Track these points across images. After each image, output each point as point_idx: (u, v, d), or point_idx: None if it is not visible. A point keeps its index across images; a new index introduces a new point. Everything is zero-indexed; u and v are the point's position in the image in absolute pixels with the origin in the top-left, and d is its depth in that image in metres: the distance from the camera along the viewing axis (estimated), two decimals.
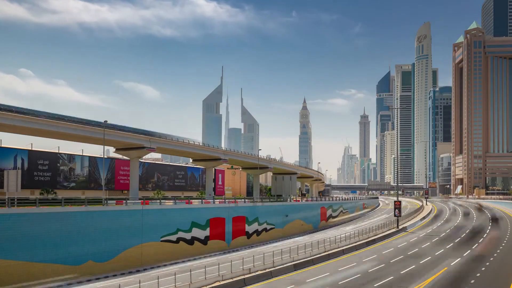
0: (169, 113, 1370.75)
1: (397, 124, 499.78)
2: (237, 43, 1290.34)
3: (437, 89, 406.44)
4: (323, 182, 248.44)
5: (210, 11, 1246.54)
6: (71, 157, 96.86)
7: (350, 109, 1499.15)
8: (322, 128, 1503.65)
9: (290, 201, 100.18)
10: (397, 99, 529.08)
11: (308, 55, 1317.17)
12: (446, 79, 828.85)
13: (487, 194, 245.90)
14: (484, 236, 68.35)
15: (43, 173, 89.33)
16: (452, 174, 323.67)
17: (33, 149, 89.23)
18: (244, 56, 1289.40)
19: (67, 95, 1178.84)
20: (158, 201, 66.60)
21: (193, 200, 75.28)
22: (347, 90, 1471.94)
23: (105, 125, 74.92)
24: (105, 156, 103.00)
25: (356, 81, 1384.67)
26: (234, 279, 37.99)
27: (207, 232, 64.19)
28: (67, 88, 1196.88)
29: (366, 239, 63.21)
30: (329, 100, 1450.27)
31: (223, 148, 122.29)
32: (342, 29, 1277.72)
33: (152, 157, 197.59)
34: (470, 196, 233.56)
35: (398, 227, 77.61)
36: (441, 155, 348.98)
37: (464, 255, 50.87)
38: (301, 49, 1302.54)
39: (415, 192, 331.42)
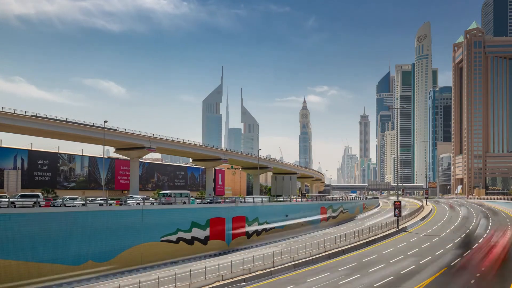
0: (139, 110, 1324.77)
1: (397, 124, 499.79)
2: (199, 38, 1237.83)
3: (437, 89, 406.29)
4: (323, 182, 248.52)
5: (152, 2, 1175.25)
6: (71, 157, 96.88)
7: (326, 106, 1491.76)
8: (322, 128, 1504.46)
9: (290, 201, 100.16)
10: (397, 99, 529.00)
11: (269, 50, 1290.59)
12: (446, 79, 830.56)
13: (487, 194, 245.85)
14: (485, 236, 68.32)
15: (43, 173, 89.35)
16: (452, 174, 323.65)
17: (33, 149, 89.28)
18: (224, 51, 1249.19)
19: (29, 92, 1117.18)
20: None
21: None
22: (320, 86, 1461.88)
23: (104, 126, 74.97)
24: (105, 156, 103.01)
25: (328, 78, 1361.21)
26: (234, 279, 38.00)
27: (207, 232, 64.19)
28: (27, 85, 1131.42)
29: (366, 239, 63.18)
30: (301, 98, 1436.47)
31: (223, 148, 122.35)
32: (295, 22, 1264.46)
33: (152, 157, 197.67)
34: (470, 196, 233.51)
35: (398, 227, 77.55)
36: (441, 155, 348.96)
37: (464, 255, 50.87)
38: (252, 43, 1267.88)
39: (415, 192, 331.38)
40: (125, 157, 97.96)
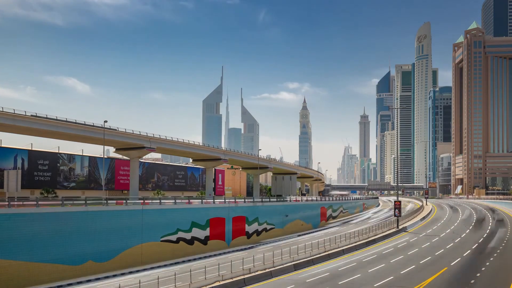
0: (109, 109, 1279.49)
1: (397, 124, 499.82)
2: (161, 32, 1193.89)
3: (437, 89, 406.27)
4: (323, 182, 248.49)
5: None
6: (71, 157, 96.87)
7: (298, 103, 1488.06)
8: (322, 128, 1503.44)
9: (290, 201, 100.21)
10: (397, 99, 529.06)
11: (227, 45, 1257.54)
12: (446, 79, 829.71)
13: (487, 194, 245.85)
14: (485, 235, 68.33)
15: (43, 173, 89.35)
16: (452, 174, 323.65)
17: (33, 149, 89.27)
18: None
19: None
20: (158, 201, 66.60)
21: (193, 200, 75.27)
22: (292, 83, 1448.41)
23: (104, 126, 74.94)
24: (105, 156, 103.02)
25: (296, 74, 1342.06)
26: (234, 279, 37.98)
27: (207, 232, 64.21)
28: None
29: (366, 239, 63.21)
30: (273, 95, 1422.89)
31: (223, 148, 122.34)
32: (246, 15, 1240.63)
33: (152, 157, 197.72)
34: (470, 196, 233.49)
35: (398, 227, 77.58)
36: (441, 155, 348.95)
37: (464, 255, 50.87)
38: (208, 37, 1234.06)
39: (415, 192, 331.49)
40: (125, 157, 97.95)
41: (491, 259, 48.32)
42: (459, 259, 48.28)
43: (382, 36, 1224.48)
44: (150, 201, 65.78)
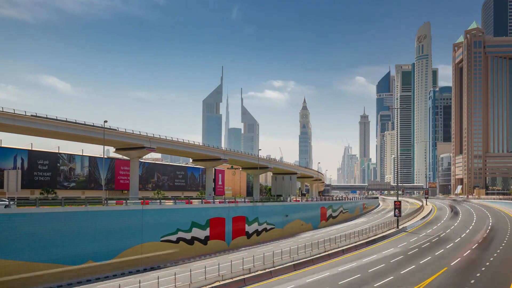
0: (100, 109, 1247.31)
1: (397, 124, 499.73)
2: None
3: (437, 89, 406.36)
4: (323, 182, 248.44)
5: None
6: (71, 157, 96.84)
7: (286, 101, 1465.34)
8: (322, 128, 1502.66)
9: (290, 201, 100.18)
10: (397, 99, 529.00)
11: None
12: (446, 79, 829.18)
13: (487, 194, 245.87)
14: (485, 236, 68.34)
15: (43, 173, 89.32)
16: (452, 174, 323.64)
17: (33, 149, 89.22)
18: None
19: None
20: (158, 201, 66.60)
21: (193, 200, 75.25)
22: (277, 81, 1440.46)
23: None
24: (105, 156, 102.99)
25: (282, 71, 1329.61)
26: (234, 279, 37.98)
27: (207, 232, 64.19)
28: None
29: (366, 239, 63.22)
30: (259, 93, 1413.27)
31: (223, 148, 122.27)
32: (219, 11, 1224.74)
33: (152, 157, 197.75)
34: (470, 196, 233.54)
35: (398, 227, 77.61)
36: (441, 155, 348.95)
37: (464, 255, 50.87)
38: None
39: (415, 192, 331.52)
40: (125, 157, 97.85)
41: (491, 259, 48.31)
42: (459, 259, 48.29)
43: (382, 36, 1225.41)
44: (150, 201, 65.78)
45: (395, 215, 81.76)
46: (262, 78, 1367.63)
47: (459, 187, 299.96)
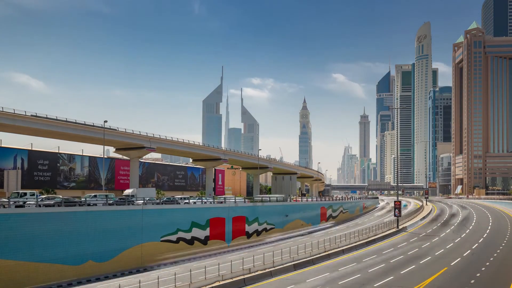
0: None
1: (397, 124, 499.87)
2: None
3: (437, 89, 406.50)
4: (323, 182, 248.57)
5: None
6: (71, 157, 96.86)
7: (267, 99, 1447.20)
8: (322, 128, 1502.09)
9: (290, 201, 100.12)
10: (397, 99, 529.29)
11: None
12: (446, 79, 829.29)
13: (487, 194, 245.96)
14: (485, 236, 68.33)
15: (43, 173, 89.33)
16: (452, 174, 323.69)
17: (33, 149, 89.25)
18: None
19: None
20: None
21: (193, 200, 75.14)
22: (255, 78, 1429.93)
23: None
24: (105, 156, 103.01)
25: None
26: (234, 279, 37.97)
27: (207, 232, 64.16)
28: None
29: (366, 239, 63.21)
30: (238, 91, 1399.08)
31: (223, 148, 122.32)
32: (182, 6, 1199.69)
33: (152, 157, 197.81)
34: (470, 196, 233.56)
35: (398, 227, 77.59)
36: (441, 155, 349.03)
37: (464, 255, 50.85)
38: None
39: (415, 192, 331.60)
40: (125, 157, 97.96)
41: (491, 259, 48.28)
42: (459, 259, 48.27)
43: (382, 36, 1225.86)
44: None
45: (395, 215, 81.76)
46: (241, 76, 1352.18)
47: (459, 187, 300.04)
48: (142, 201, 57.41)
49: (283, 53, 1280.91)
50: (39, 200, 47.55)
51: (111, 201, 54.46)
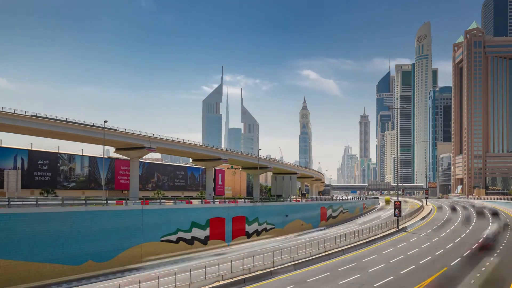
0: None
1: (397, 124, 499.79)
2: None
3: (437, 89, 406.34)
4: (323, 182, 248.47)
5: None
6: (71, 157, 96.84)
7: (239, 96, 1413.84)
8: (322, 127, 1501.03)
9: (290, 201, 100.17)
10: (397, 99, 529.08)
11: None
12: (446, 79, 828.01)
13: (487, 194, 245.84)
14: (485, 235, 68.28)
15: (43, 173, 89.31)
16: (452, 174, 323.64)
17: (33, 149, 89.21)
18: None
19: None
20: (158, 201, 66.58)
21: (193, 200, 75.24)
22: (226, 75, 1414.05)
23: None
24: (105, 156, 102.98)
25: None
26: (234, 279, 37.99)
27: (207, 232, 64.20)
28: None
29: (366, 239, 63.22)
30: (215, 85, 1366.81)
31: (223, 148, 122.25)
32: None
33: (152, 157, 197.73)
34: (470, 196, 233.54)
35: (398, 227, 77.60)
36: (441, 155, 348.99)
37: (464, 255, 50.86)
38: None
39: (415, 192, 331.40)
40: (125, 157, 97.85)
41: (491, 259, 48.28)
42: (459, 259, 48.28)
43: (382, 36, 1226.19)
44: (150, 201, 65.78)
45: (395, 215, 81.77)
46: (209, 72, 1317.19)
47: (459, 187, 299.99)
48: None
49: (283, 53, 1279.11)
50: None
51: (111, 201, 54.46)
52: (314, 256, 48.92)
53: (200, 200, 75.91)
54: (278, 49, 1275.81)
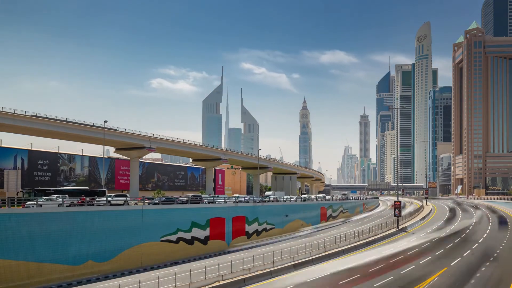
0: None
1: (397, 124, 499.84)
2: None
3: (437, 89, 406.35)
4: (323, 182, 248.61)
5: None
6: (71, 157, 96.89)
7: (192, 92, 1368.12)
8: (322, 127, 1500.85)
9: (290, 201, 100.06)
10: (397, 99, 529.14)
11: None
12: (446, 79, 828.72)
13: (487, 194, 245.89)
14: (484, 235, 68.34)
15: (43, 173, 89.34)
16: (452, 174, 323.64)
17: (33, 149, 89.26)
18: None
19: None
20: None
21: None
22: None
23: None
24: (105, 156, 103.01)
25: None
26: (234, 279, 37.97)
27: (207, 232, 64.15)
28: None
29: (366, 239, 63.21)
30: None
31: (223, 148, 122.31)
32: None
33: (152, 157, 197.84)
34: (470, 196, 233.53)
35: (398, 227, 77.58)
36: (441, 155, 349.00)
37: (464, 255, 50.87)
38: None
39: (415, 192, 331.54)
40: (125, 157, 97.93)
41: (491, 259, 48.32)
42: (459, 259, 48.29)
43: (382, 36, 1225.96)
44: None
45: (395, 215, 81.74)
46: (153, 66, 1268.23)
47: (459, 187, 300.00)
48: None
49: (281, 53, 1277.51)
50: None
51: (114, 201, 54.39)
52: (314, 256, 48.92)
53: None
54: (278, 49, 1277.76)
